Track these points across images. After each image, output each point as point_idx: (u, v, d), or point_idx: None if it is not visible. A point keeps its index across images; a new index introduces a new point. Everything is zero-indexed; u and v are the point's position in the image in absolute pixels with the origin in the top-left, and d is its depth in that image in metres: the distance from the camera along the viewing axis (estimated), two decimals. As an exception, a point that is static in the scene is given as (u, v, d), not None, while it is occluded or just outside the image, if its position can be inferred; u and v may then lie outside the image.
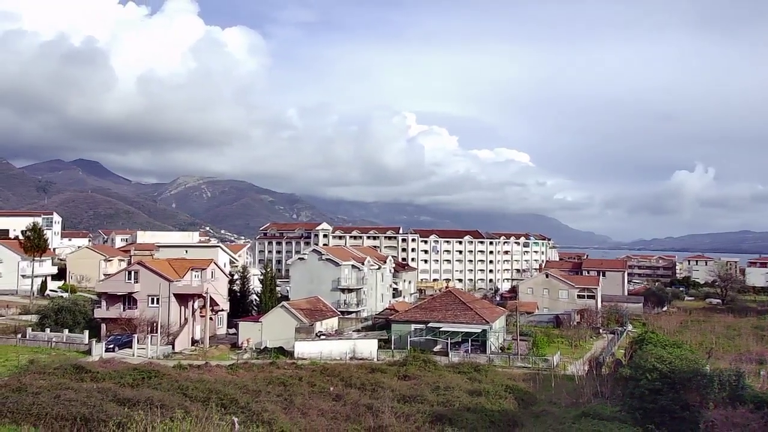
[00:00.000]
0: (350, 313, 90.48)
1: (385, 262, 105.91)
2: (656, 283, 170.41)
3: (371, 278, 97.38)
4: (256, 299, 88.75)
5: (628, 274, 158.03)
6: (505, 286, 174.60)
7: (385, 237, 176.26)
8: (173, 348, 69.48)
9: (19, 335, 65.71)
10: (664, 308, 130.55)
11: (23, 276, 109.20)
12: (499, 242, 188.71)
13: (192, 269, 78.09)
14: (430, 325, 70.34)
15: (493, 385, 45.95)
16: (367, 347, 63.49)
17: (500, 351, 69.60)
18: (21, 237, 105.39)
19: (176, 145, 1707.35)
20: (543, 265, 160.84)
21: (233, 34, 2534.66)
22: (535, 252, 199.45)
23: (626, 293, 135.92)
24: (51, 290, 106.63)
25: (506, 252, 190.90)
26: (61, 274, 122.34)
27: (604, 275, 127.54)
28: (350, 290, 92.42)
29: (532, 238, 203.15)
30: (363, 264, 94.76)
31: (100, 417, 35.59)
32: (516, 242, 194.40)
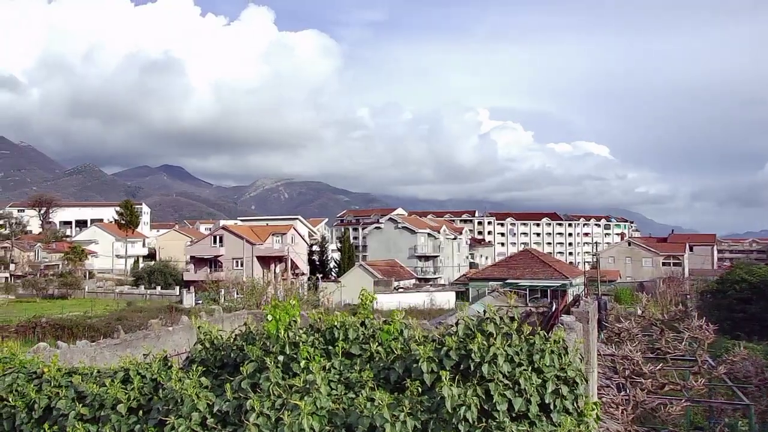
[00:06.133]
0: (428, 280, 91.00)
1: (461, 233, 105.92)
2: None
3: (447, 247, 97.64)
4: (334, 267, 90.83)
5: (718, 259, 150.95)
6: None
7: (461, 220, 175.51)
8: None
9: (117, 290, 70.13)
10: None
11: (117, 256, 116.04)
12: (578, 224, 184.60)
13: (273, 234, 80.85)
14: (508, 281, 69.89)
15: (574, 315, 45.55)
16: (445, 298, 63.95)
17: (581, 305, 68.52)
18: (115, 216, 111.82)
19: (253, 149, 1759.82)
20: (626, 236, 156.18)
21: (305, 38, 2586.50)
22: (617, 234, 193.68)
23: (716, 268, 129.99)
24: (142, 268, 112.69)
25: (586, 234, 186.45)
26: (151, 257, 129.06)
27: (691, 250, 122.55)
28: (427, 258, 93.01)
29: (613, 219, 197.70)
30: (439, 233, 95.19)
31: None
32: (596, 224, 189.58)
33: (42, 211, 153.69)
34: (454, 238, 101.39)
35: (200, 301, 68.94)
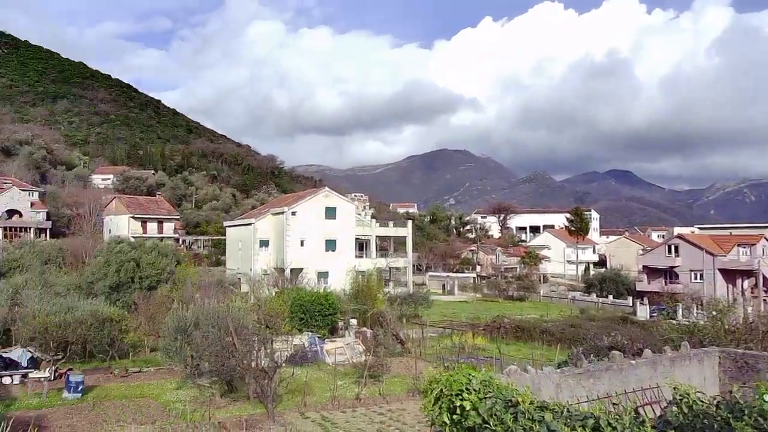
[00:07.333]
0: None
1: None
2: None
3: None
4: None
5: None
6: None
7: None
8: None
9: (570, 296, 72.66)
10: None
11: (568, 262, 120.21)
12: None
13: (739, 245, 72.20)
14: None
15: None
16: None
17: None
18: (565, 223, 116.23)
19: (710, 148, 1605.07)
20: None
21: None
22: None
23: None
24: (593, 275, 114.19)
25: None
26: (601, 264, 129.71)
27: None
28: None
29: None
30: None
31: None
32: None
33: (500, 218, 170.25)
34: None
35: (655, 314, 66.02)
